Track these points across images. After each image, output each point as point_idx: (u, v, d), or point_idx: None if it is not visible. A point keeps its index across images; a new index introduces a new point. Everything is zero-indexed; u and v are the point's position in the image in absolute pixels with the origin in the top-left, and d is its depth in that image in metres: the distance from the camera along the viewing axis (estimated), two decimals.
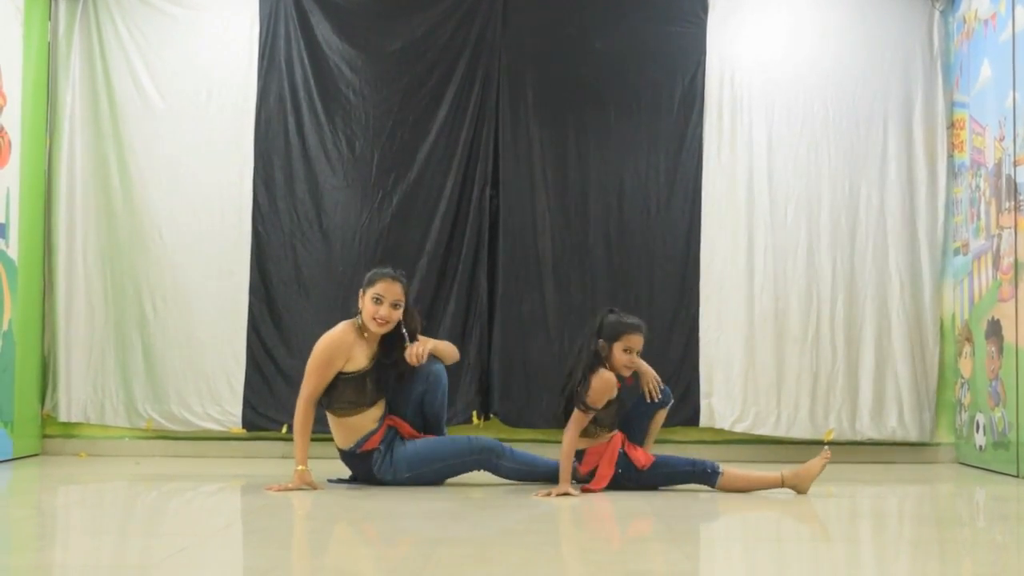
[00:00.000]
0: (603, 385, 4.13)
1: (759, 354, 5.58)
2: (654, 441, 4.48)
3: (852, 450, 5.57)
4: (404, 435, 4.35)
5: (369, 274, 4.33)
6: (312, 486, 4.18)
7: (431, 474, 4.34)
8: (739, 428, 5.54)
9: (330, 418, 4.35)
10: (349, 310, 4.42)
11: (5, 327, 5.20)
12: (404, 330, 4.30)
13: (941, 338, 5.62)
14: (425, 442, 4.36)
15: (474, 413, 5.50)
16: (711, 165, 5.63)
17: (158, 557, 2.88)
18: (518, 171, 5.63)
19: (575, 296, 5.60)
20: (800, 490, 4.21)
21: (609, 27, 5.65)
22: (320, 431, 4.43)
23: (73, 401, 5.59)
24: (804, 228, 5.63)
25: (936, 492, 4.73)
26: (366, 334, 4.29)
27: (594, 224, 5.61)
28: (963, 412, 5.49)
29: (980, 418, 5.26)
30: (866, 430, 5.54)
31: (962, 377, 5.51)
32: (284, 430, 5.49)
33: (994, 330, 5.10)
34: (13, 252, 5.27)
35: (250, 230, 5.62)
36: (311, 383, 4.23)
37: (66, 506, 4.07)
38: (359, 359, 4.26)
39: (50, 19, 5.67)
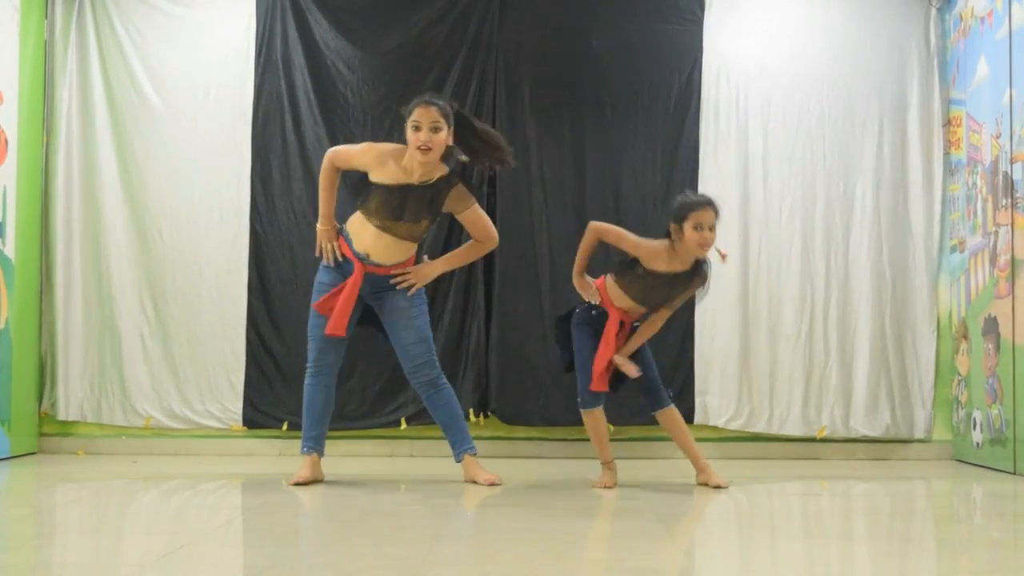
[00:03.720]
0: (637, 242, 4.19)
1: (754, 352, 5.59)
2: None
3: (848, 447, 5.58)
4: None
5: (409, 103, 4.29)
6: (332, 243, 4.31)
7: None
8: (734, 426, 5.55)
9: (356, 217, 4.36)
10: None
11: (2, 325, 5.20)
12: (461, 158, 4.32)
13: (938, 335, 5.62)
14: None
15: (471, 411, 5.49)
16: (707, 163, 5.64)
17: (156, 555, 2.88)
18: (515, 170, 5.60)
19: (572, 294, 5.57)
20: (706, 483, 4.28)
21: (606, 25, 5.65)
22: (333, 428, 4.46)
23: (71, 399, 5.59)
24: (799, 226, 5.63)
25: (933, 489, 4.74)
26: (408, 162, 4.23)
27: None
28: (960, 409, 5.50)
29: (977, 415, 5.27)
30: (860, 427, 5.55)
31: (959, 374, 5.52)
32: (284, 427, 5.50)
33: (991, 327, 5.11)
34: (10, 251, 5.27)
35: (248, 229, 5.62)
36: (342, 149, 4.35)
37: (64, 504, 4.07)
38: (391, 172, 4.24)
39: (47, 17, 5.66)
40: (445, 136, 4.21)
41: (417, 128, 4.19)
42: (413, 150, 4.20)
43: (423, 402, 4.46)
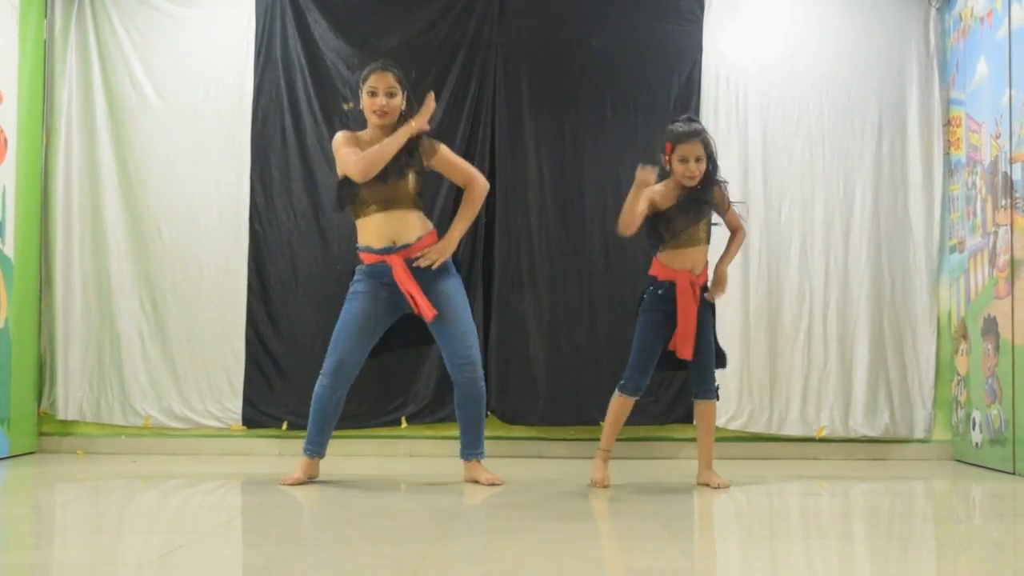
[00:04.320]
0: (637, 188, 4.12)
1: (754, 352, 5.58)
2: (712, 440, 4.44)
3: (847, 447, 5.58)
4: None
5: (362, 72, 4.36)
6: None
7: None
8: (733, 426, 5.54)
9: (358, 227, 4.34)
10: None
11: (1, 325, 5.20)
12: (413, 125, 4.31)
13: (937, 335, 5.62)
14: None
15: None
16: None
17: (155, 555, 2.88)
18: (514, 169, 5.63)
19: (571, 294, 5.60)
20: (707, 483, 4.32)
21: (606, 25, 5.65)
22: (337, 427, 4.46)
23: (70, 399, 5.59)
24: (798, 226, 5.63)
25: (932, 489, 4.74)
26: (369, 135, 4.30)
27: (591, 222, 5.62)
28: (959, 409, 5.50)
29: (976, 415, 5.27)
30: (859, 427, 5.55)
31: (958, 374, 5.52)
32: (284, 427, 5.50)
33: (990, 327, 5.11)
34: (9, 250, 5.27)
35: (247, 228, 5.62)
36: (350, 161, 4.23)
37: (63, 504, 4.07)
38: (361, 149, 4.26)
39: (46, 16, 5.66)
40: (399, 101, 4.30)
41: (373, 93, 4.28)
42: (369, 114, 4.29)
43: (456, 394, 4.41)
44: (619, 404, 4.35)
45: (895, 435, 5.57)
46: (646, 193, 4.20)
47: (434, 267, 4.30)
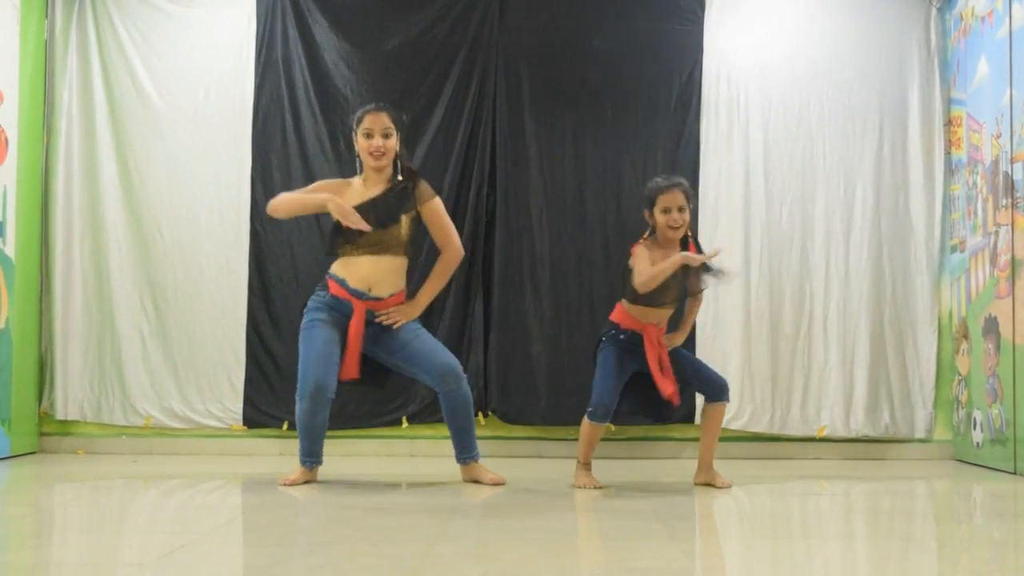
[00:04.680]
0: (637, 260, 4.14)
1: (755, 352, 5.58)
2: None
3: (848, 447, 5.58)
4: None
5: (356, 113, 4.36)
6: (359, 221, 4.16)
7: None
8: (735, 426, 5.54)
9: (339, 261, 4.32)
10: None
11: (2, 325, 5.20)
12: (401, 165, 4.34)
13: (938, 335, 5.62)
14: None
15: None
16: (708, 163, 5.63)
17: (156, 554, 2.88)
18: (515, 170, 5.63)
19: (572, 294, 5.60)
20: (710, 483, 4.32)
21: (606, 25, 5.65)
22: (333, 428, 4.45)
23: (70, 399, 5.59)
24: (799, 226, 5.63)
25: (933, 489, 4.73)
26: (365, 179, 4.32)
27: (591, 222, 5.62)
28: (960, 409, 5.50)
29: (977, 415, 5.26)
30: (860, 427, 5.55)
31: (959, 374, 5.52)
32: (284, 427, 5.50)
33: (991, 327, 5.11)
34: (10, 250, 5.27)
35: (248, 228, 5.62)
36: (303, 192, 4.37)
37: (63, 504, 4.07)
38: (353, 194, 4.28)
39: (47, 16, 5.66)
40: (394, 142, 4.29)
41: (369, 135, 4.27)
42: (366, 156, 4.28)
43: (442, 407, 4.39)
44: (590, 430, 4.29)
45: (896, 435, 5.57)
46: (644, 255, 4.17)
47: (396, 327, 4.29)
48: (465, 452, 4.42)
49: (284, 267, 5.62)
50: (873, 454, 5.57)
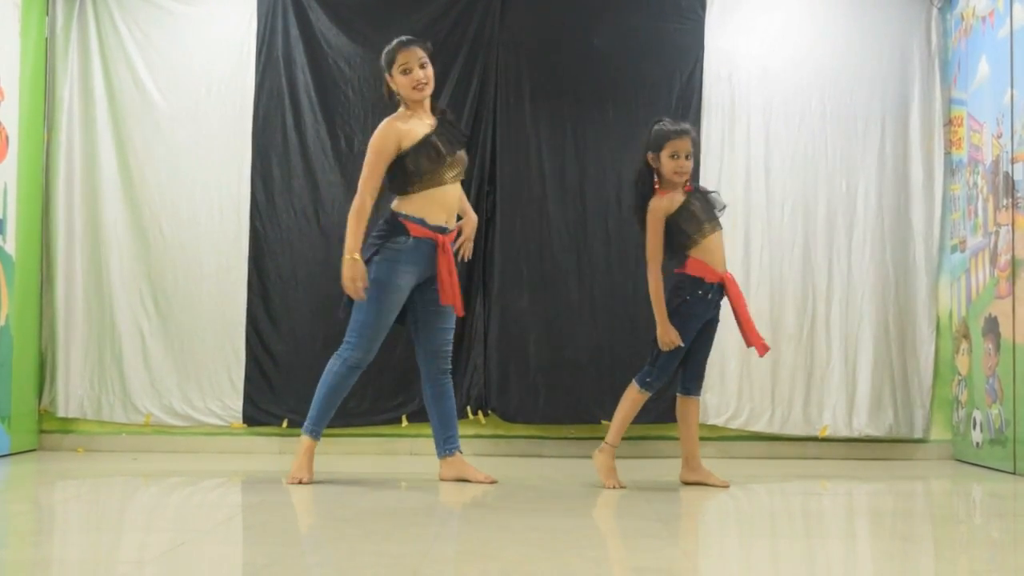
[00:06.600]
0: (652, 216, 4.18)
1: (755, 351, 5.56)
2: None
3: (848, 447, 5.58)
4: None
5: (384, 55, 4.25)
6: (364, 281, 4.09)
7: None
8: (734, 425, 5.55)
9: (415, 200, 4.21)
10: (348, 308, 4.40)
11: (2, 322, 5.20)
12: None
13: (938, 335, 5.62)
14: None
15: (468, 409, 5.49)
16: (709, 163, 5.63)
17: (156, 552, 2.88)
18: (515, 168, 5.62)
19: (572, 292, 5.60)
20: (702, 481, 4.32)
21: (607, 24, 5.65)
22: (333, 426, 4.44)
23: (71, 396, 5.59)
24: (801, 225, 5.63)
25: (933, 489, 4.73)
26: (410, 111, 4.25)
27: (592, 221, 5.61)
28: (960, 409, 5.50)
29: (977, 415, 5.27)
30: (862, 427, 5.55)
31: (959, 374, 5.52)
32: (284, 425, 5.50)
33: (991, 327, 5.11)
34: (11, 247, 5.27)
35: (248, 227, 5.62)
36: (369, 178, 4.16)
37: (63, 501, 4.07)
38: (417, 131, 4.20)
39: (48, 14, 5.66)
40: (431, 71, 4.26)
41: (407, 71, 4.21)
42: (410, 91, 4.21)
43: (429, 392, 4.41)
44: (638, 400, 4.29)
45: (898, 435, 5.57)
46: (659, 215, 4.20)
47: (466, 259, 4.42)
48: (451, 443, 4.40)
49: (284, 265, 5.62)
50: (873, 454, 5.57)
